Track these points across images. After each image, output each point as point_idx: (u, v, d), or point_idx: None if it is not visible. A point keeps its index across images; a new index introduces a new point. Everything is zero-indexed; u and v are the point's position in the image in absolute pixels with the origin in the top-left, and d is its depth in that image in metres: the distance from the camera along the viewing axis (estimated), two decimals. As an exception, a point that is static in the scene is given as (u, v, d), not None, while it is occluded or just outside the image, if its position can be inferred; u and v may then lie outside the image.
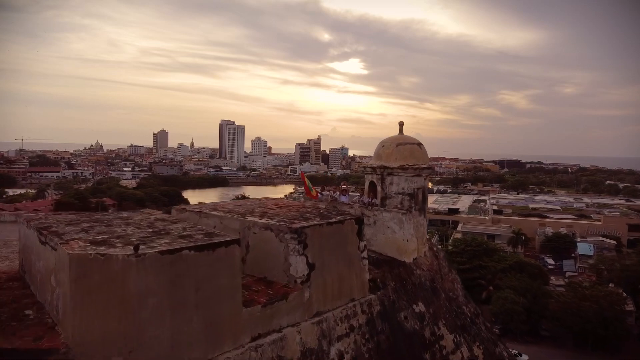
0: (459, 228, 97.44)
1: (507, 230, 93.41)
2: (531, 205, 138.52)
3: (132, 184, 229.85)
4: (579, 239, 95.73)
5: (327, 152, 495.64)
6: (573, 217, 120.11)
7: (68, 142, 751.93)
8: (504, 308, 55.52)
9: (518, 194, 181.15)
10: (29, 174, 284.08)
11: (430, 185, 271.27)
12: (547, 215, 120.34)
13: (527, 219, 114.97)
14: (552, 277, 74.52)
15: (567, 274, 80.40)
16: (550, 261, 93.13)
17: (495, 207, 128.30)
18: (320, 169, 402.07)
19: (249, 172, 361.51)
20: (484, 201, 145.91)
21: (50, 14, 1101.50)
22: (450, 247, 73.92)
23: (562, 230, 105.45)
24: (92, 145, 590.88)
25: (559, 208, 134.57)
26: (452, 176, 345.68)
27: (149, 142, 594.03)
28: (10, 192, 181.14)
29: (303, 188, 21.46)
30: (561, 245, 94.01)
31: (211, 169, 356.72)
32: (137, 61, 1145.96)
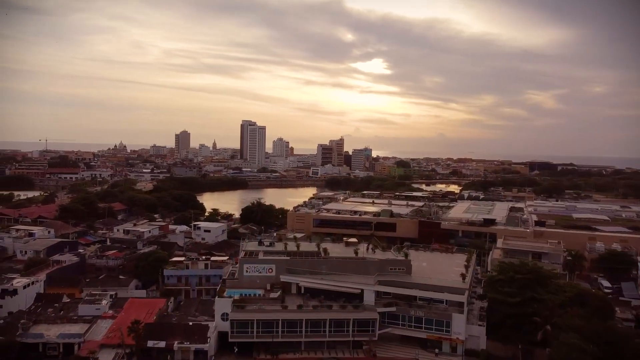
0: (499, 244, 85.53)
1: (557, 249, 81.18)
2: (575, 215, 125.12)
3: (148, 186, 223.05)
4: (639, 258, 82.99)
5: (350, 153, 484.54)
6: (626, 229, 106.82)
7: (93, 142, 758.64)
8: (569, 357, 44.27)
9: (557, 201, 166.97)
10: (47, 175, 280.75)
11: (459, 189, 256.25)
12: (596, 227, 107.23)
13: (574, 232, 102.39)
14: (617, 309, 62.39)
15: (633, 304, 68.19)
16: (606, 283, 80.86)
17: (535, 218, 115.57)
18: (342, 170, 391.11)
19: (269, 173, 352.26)
20: (521, 209, 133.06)
21: (78, 16, 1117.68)
22: (494, 273, 62.51)
23: (616, 246, 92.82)
24: (115, 146, 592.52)
25: (607, 218, 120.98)
26: (480, 179, 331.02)
27: (171, 143, 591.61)
28: (22, 195, 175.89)
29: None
30: (619, 267, 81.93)
31: (231, 171, 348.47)
32: (161, 62, 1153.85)
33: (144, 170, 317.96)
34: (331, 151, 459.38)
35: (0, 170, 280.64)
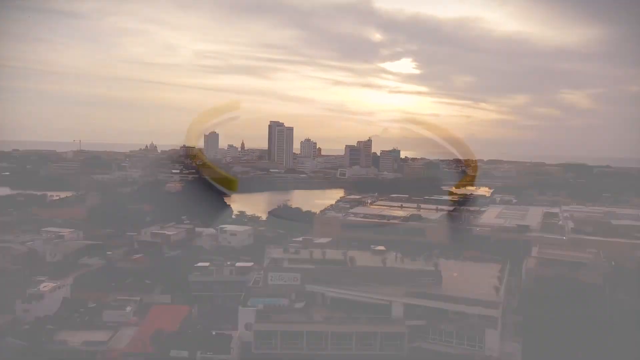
0: (534, 253, 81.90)
1: (597, 258, 77.12)
2: (614, 222, 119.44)
3: (177, 187, 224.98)
4: (687, 270, 78.06)
5: (378, 154, 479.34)
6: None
7: (125, 142, 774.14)
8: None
9: (594, 205, 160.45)
10: (80, 175, 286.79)
11: (490, 192, 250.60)
12: (638, 235, 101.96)
13: (614, 240, 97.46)
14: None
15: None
16: (650, 296, 76.46)
17: (571, 224, 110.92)
18: (370, 172, 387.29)
19: (297, 175, 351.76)
20: (556, 214, 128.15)
21: (112, 19, 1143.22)
22: (529, 285, 59.50)
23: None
24: (146, 147, 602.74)
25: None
26: (513, 181, 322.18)
27: (200, 143, 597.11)
28: (55, 195, 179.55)
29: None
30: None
31: (259, 172, 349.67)
32: (191, 64, 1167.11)
33: (174, 171, 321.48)
34: (359, 152, 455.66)
35: (35, 171, 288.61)
